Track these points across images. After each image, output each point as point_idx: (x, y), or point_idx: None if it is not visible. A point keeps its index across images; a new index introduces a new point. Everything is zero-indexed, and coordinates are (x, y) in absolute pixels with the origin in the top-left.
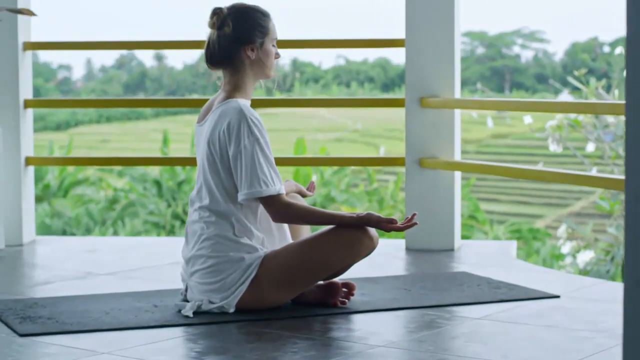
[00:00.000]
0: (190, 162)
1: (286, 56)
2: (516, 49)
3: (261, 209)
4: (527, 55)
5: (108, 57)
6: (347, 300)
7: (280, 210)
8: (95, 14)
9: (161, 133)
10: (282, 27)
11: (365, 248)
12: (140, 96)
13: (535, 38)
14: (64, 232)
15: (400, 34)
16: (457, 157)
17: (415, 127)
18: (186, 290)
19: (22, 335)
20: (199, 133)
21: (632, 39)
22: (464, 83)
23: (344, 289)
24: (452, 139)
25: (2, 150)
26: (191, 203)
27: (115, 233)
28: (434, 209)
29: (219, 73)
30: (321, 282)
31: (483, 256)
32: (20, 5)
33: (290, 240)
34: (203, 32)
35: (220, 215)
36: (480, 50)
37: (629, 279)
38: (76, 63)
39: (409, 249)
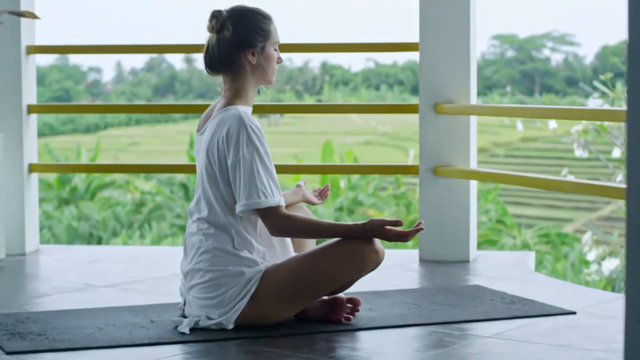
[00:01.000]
0: (187, 169)
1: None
2: (546, 52)
3: (260, 222)
4: (557, 58)
5: (138, 60)
6: (352, 317)
7: (278, 223)
8: (106, 16)
9: (189, 136)
10: (291, 28)
11: (370, 262)
12: (170, 99)
13: (566, 41)
14: (90, 235)
15: (413, 37)
16: (473, 165)
17: (430, 134)
18: (185, 305)
19: (8, 353)
20: (198, 142)
21: (633, 46)
22: (493, 86)
23: (349, 305)
24: (467, 147)
25: (3, 157)
26: (190, 214)
27: (142, 236)
28: (448, 218)
29: (220, 79)
30: (325, 297)
31: (499, 268)
32: (24, 8)
33: (292, 254)
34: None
35: (219, 227)
36: (510, 54)
37: (630, 317)
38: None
39: (422, 260)
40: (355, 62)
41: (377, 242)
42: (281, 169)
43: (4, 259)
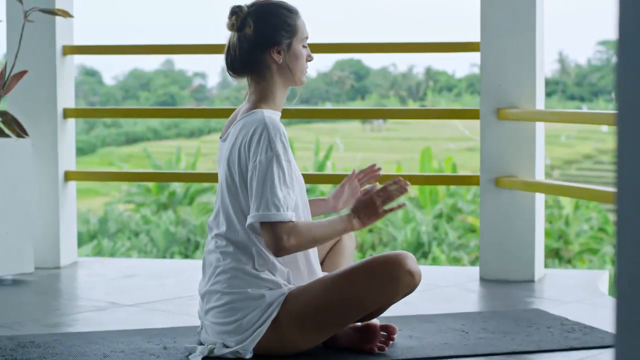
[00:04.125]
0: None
1: (419, 65)
2: None
3: None
4: None
5: None
6: (385, 346)
7: (282, 242)
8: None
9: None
10: (354, 30)
11: (403, 286)
12: None
13: None
14: (187, 240)
15: (474, 36)
16: (539, 176)
17: (491, 142)
18: (201, 329)
19: None
20: (220, 150)
21: (622, 45)
22: (599, 92)
23: (383, 333)
24: (532, 156)
25: (35, 164)
26: (209, 229)
27: None
28: (512, 234)
29: (244, 81)
30: (358, 323)
31: (566, 289)
32: (59, 7)
33: (320, 274)
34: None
35: (239, 245)
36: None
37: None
38: (211, 71)
39: (483, 279)
40: (460, 68)
41: (412, 262)
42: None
43: (33, 273)
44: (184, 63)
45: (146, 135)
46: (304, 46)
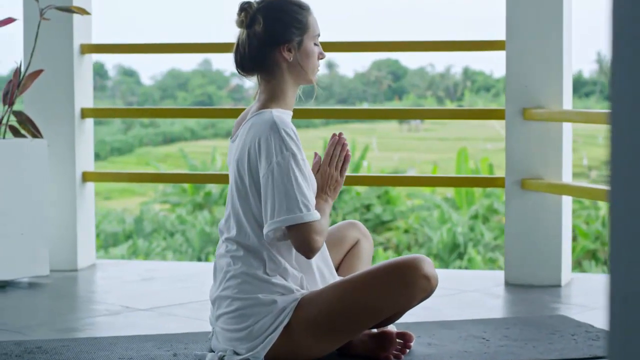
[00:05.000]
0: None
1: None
2: None
3: None
4: None
5: None
6: (401, 354)
7: (313, 242)
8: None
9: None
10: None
11: (419, 290)
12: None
13: None
14: None
15: (499, 34)
16: (567, 178)
17: (517, 143)
18: (212, 336)
19: None
20: (230, 151)
21: (616, 44)
22: None
23: (399, 340)
24: (559, 157)
25: (51, 165)
26: (220, 233)
27: None
28: (538, 237)
29: (254, 80)
30: (374, 330)
31: (594, 294)
32: (77, 4)
33: (336, 278)
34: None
35: (249, 249)
36: None
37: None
38: None
39: (508, 284)
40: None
41: (428, 266)
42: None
43: (48, 276)
44: (221, 63)
45: (183, 135)
46: (315, 44)
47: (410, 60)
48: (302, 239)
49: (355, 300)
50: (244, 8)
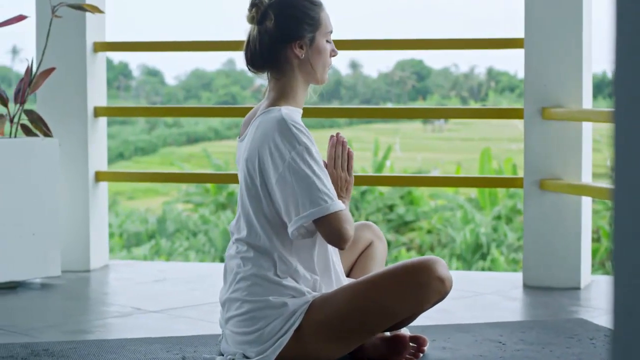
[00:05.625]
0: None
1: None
2: None
3: (319, 242)
4: None
5: None
6: (415, 359)
7: (344, 230)
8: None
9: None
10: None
11: (433, 293)
12: (335, 105)
13: None
14: None
15: (517, 32)
16: (586, 178)
17: (536, 143)
18: (222, 339)
19: None
20: (239, 150)
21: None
22: None
23: (413, 344)
24: (579, 158)
25: (63, 164)
26: (231, 234)
27: None
28: (556, 239)
29: (264, 77)
30: (387, 333)
31: None
32: (90, 3)
33: (345, 281)
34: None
35: (260, 250)
36: None
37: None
38: None
39: (526, 286)
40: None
41: (442, 267)
42: (362, 180)
43: (60, 277)
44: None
45: (207, 135)
46: (327, 41)
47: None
48: (332, 229)
49: (367, 302)
50: (255, 3)
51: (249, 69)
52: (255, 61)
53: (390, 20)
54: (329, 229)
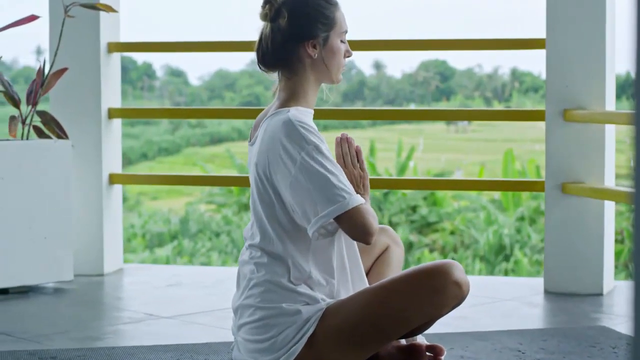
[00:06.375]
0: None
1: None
2: None
3: (337, 247)
4: None
5: None
6: None
7: (367, 224)
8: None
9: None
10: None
11: (450, 298)
12: (358, 105)
13: None
14: None
15: (539, 32)
16: (609, 182)
17: (558, 146)
18: (234, 346)
19: None
20: (250, 154)
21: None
22: None
23: (429, 353)
24: (602, 161)
25: (76, 166)
26: (244, 239)
27: None
28: (578, 244)
29: (275, 76)
30: (402, 341)
31: None
32: (104, 2)
33: (365, 285)
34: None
35: (274, 256)
36: None
37: None
38: None
39: (547, 292)
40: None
41: (459, 272)
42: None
43: (73, 281)
44: None
45: (230, 136)
46: (342, 41)
47: (458, 61)
48: (355, 224)
49: (382, 308)
50: (268, 1)
51: (260, 68)
52: (267, 59)
53: (414, 19)
54: (352, 224)
